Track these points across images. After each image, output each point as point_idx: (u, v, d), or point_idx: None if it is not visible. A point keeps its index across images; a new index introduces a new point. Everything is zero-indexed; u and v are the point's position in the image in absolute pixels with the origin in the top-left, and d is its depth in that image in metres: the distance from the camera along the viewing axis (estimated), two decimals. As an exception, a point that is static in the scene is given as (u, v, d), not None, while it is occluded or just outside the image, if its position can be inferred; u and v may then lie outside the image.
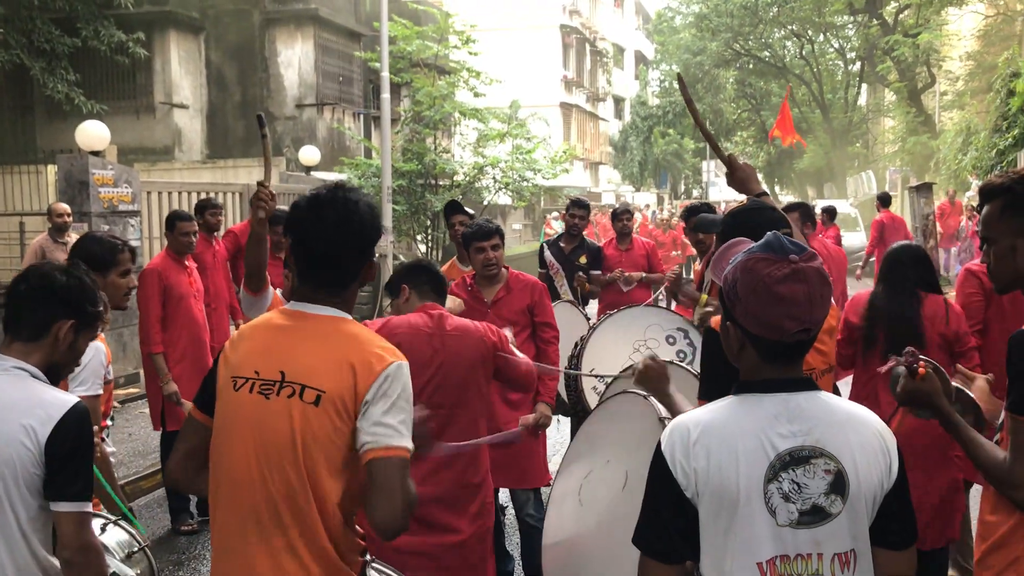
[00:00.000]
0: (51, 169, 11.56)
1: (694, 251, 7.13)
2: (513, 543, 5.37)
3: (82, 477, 2.38)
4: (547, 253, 7.35)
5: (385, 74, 13.99)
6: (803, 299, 1.83)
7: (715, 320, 2.66)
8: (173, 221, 6.42)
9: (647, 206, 29.77)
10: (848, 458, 1.86)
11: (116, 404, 8.97)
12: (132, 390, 9.78)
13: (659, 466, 1.89)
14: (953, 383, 2.54)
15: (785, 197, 43.90)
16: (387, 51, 14.12)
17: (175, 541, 5.80)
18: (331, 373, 2.12)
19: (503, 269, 4.79)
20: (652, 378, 2.85)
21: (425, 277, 3.65)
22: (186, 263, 6.36)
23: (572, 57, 39.86)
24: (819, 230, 9.72)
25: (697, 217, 4.34)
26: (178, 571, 5.38)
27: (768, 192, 3.40)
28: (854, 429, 1.89)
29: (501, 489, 5.07)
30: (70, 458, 2.35)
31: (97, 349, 3.12)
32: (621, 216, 7.98)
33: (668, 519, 1.88)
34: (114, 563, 2.79)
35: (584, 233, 7.61)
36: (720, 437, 1.86)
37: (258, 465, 2.14)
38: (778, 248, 1.88)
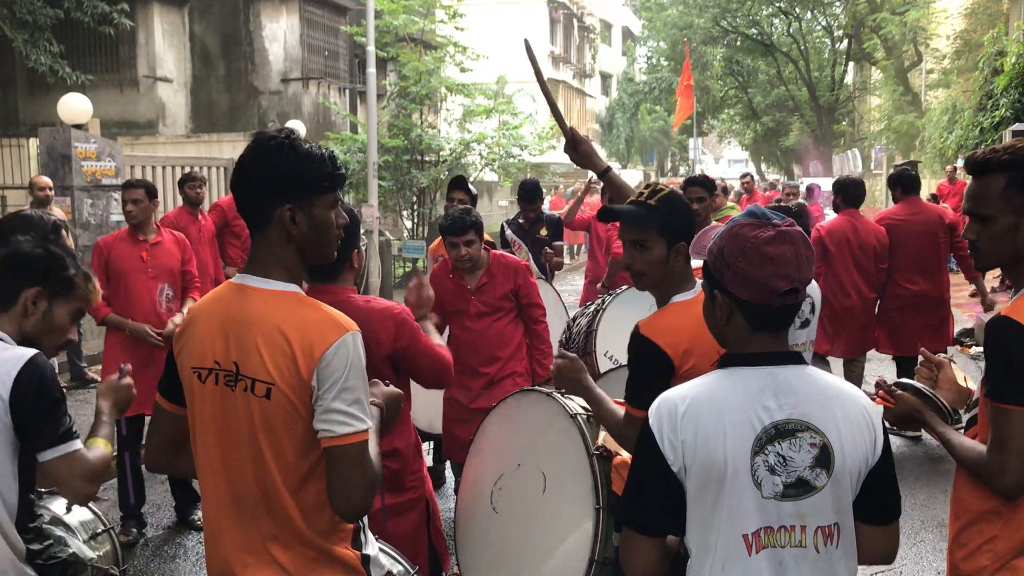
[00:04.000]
0: (33, 142, 11.44)
1: None
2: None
3: (58, 421, 2.38)
4: (508, 232, 7.44)
5: (371, 48, 13.87)
6: (791, 258, 1.87)
7: (643, 323, 2.59)
8: (123, 190, 5.68)
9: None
10: (834, 432, 1.87)
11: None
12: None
13: (646, 440, 1.90)
14: (917, 383, 2.57)
15: (770, 175, 43.93)
16: (373, 25, 13.99)
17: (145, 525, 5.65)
18: (276, 363, 2.06)
19: (484, 252, 4.74)
20: (566, 376, 2.83)
21: None
22: (140, 237, 5.53)
23: (559, 33, 39.64)
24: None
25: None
26: (153, 561, 5.38)
27: (612, 167, 3.37)
28: (840, 404, 1.91)
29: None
30: (38, 408, 2.35)
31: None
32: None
33: (653, 493, 1.89)
34: (74, 543, 2.77)
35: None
36: (708, 410, 1.87)
37: (234, 456, 2.14)
38: (761, 215, 1.93)
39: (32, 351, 2.42)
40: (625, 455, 2.92)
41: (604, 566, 3.04)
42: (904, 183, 7.20)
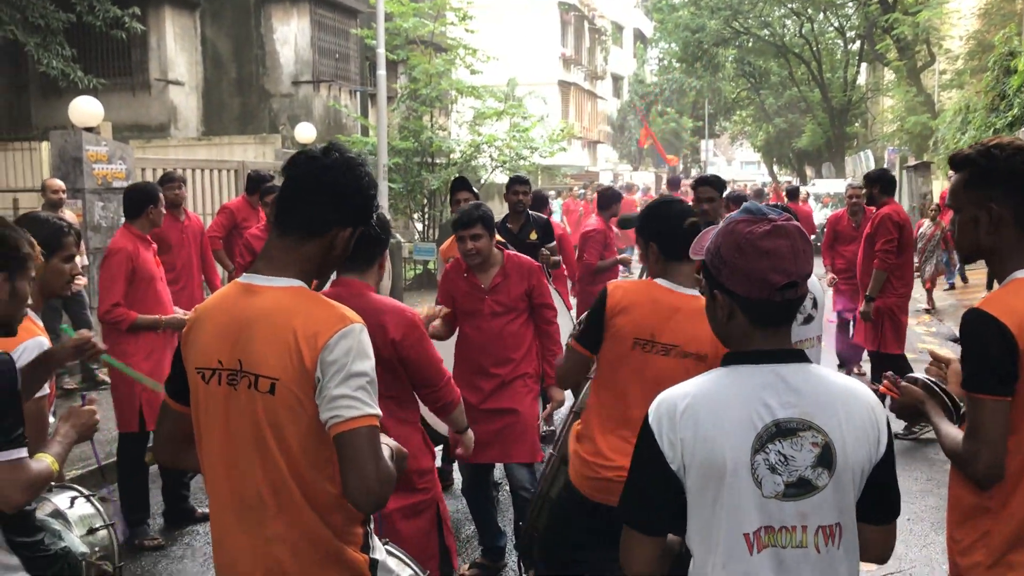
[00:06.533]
0: (45, 146, 11.50)
1: None
2: (507, 519, 5.39)
3: (7, 425, 2.35)
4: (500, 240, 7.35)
5: (381, 51, 13.89)
6: (787, 252, 1.86)
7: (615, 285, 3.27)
8: (156, 194, 5.53)
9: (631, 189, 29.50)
10: (836, 431, 1.86)
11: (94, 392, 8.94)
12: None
13: (645, 438, 1.89)
14: (925, 375, 2.64)
15: (783, 177, 43.79)
16: (383, 28, 14.02)
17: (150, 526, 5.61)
18: (280, 357, 2.05)
19: (496, 251, 4.74)
20: None
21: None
22: (149, 240, 5.48)
23: (570, 35, 39.64)
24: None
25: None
26: (160, 562, 5.39)
27: None
28: (843, 402, 1.89)
29: (497, 465, 5.10)
30: None
31: (39, 345, 2.96)
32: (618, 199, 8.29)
33: (652, 491, 1.88)
34: (69, 537, 2.77)
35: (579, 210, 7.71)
36: (708, 408, 1.86)
37: (237, 456, 2.12)
38: (756, 211, 1.93)
39: None
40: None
41: (543, 499, 3.60)
42: (884, 183, 7.38)
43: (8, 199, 10.41)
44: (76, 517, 2.97)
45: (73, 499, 3.07)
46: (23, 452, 2.37)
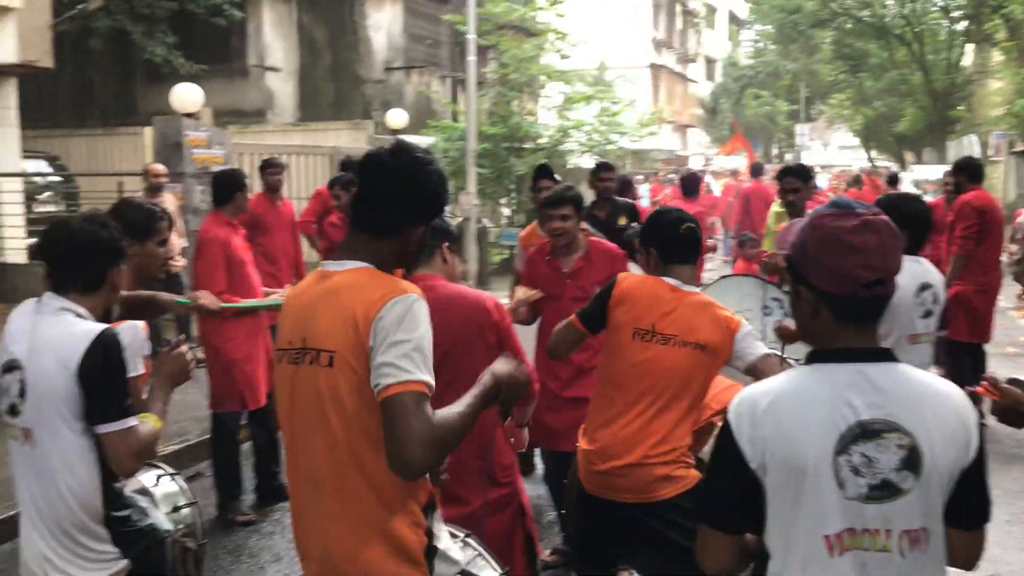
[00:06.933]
0: (148, 131, 11.92)
1: None
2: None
3: (118, 398, 2.53)
4: (585, 227, 7.27)
5: (471, 36, 13.94)
6: (875, 247, 1.80)
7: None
8: (242, 180, 5.74)
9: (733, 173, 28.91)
10: (923, 433, 1.80)
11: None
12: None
13: (725, 435, 1.87)
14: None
15: (881, 162, 42.43)
16: (474, 13, 14.06)
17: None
18: (339, 330, 2.11)
19: (581, 236, 4.73)
20: None
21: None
22: (236, 224, 5.64)
23: (662, 17, 39.10)
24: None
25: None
26: (251, 537, 5.56)
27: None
28: (931, 403, 1.83)
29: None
30: (102, 383, 2.51)
31: (134, 328, 3.07)
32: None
33: (730, 489, 1.87)
34: (155, 515, 2.87)
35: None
36: (790, 407, 1.82)
37: (301, 434, 2.20)
38: (844, 205, 1.87)
39: (101, 326, 2.57)
40: None
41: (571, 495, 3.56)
42: (972, 171, 7.26)
43: (114, 182, 10.82)
44: (161, 495, 3.08)
45: (159, 477, 3.18)
46: (133, 421, 2.54)
